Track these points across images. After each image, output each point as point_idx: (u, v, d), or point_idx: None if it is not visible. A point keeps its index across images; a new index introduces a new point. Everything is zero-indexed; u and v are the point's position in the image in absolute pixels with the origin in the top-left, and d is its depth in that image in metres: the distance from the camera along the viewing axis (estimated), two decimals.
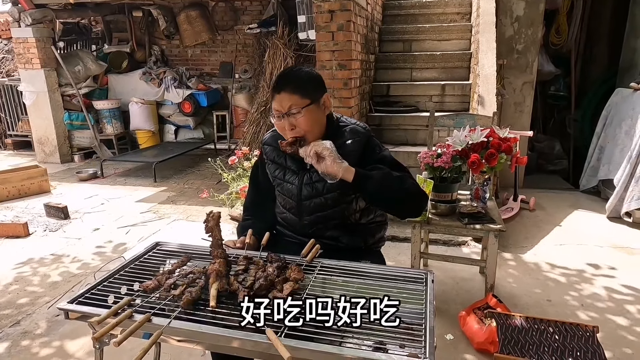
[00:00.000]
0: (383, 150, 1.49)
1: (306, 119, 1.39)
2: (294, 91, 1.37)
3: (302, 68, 1.48)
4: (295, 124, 1.39)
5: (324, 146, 1.29)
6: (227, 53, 6.79)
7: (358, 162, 1.43)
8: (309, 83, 1.43)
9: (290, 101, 1.37)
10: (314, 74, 1.47)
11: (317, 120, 1.43)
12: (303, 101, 1.38)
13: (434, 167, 2.19)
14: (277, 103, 1.40)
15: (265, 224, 1.64)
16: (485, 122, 2.51)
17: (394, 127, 4.02)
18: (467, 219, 2.18)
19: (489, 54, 3.49)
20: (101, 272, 1.52)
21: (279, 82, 1.41)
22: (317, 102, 1.42)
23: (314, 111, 1.41)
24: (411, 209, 1.44)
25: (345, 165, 1.31)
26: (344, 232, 1.54)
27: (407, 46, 4.64)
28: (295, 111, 1.37)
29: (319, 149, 1.29)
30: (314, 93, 1.42)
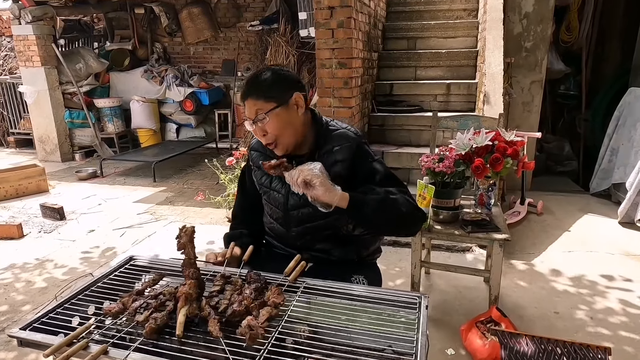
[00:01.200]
0: (375, 160, 1.38)
1: (274, 123, 1.29)
2: (258, 96, 1.29)
3: (271, 69, 1.36)
4: (265, 129, 1.30)
5: (313, 173, 1.16)
6: (229, 51, 6.70)
7: (347, 172, 1.33)
8: (274, 85, 1.32)
9: (255, 106, 1.29)
10: (282, 74, 1.36)
11: (288, 123, 1.32)
12: (268, 105, 1.28)
13: (436, 172, 2.07)
14: (246, 110, 1.32)
15: (254, 234, 1.55)
16: (490, 124, 2.39)
17: (398, 127, 3.90)
18: (471, 227, 2.06)
19: (496, 52, 3.36)
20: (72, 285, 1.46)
21: (244, 89, 1.33)
22: (285, 104, 1.31)
23: (282, 114, 1.30)
24: (407, 232, 1.36)
25: (339, 193, 1.20)
26: (336, 244, 1.43)
27: (412, 44, 4.51)
28: (262, 117, 1.28)
29: (307, 177, 1.16)
30: (280, 95, 1.31)
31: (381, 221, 1.26)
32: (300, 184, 1.16)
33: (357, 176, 1.34)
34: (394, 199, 1.26)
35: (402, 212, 1.25)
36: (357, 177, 1.34)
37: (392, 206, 1.25)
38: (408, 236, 1.37)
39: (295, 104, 1.33)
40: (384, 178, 1.34)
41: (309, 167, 1.18)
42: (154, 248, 3.10)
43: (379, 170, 1.35)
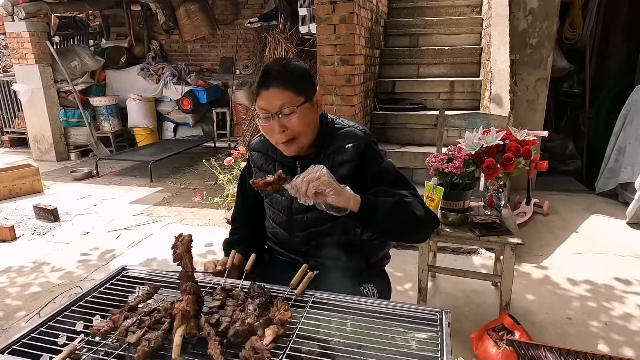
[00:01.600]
0: (385, 160, 1.29)
1: (300, 120, 1.19)
2: (286, 87, 1.17)
3: (292, 60, 1.26)
4: (287, 125, 1.19)
5: (322, 180, 1.04)
6: (227, 48, 6.59)
7: (354, 173, 1.24)
8: (303, 78, 1.23)
9: (281, 99, 1.17)
10: (305, 67, 1.27)
11: (311, 121, 1.24)
12: (297, 99, 1.18)
13: (445, 173, 1.98)
14: (265, 101, 1.18)
15: (255, 239, 1.46)
16: (500, 123, 2.31)
17: (400, 126, 3.81)
18: (481, 230, 1.98)
19: (502, 49, 3.27)
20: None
21: (267, 77, 1.19)
22: (311, 101, 1.23)
23: (307, 110, 1.21)
24: (419, 237, 1.27)
25: (351, 195, 1.10)
26: (343, 250, 1.34)
27: (414, 40, 4.42)
28: (289, 111, 1.17)
29: (319, 188, 1.04)
30: (308, 89, 1.22)
31: (393, 225, 1.17)
32: (311, 195, 1.05)
33: (364, 177, 1.25)
34: (407, 202, 1.17)
35: (416, 216, 1.16)
36: (364, 178, 1.25)
37: (405, 210, 1.16)
38: (419, 242, 1.28)
39: (316, 102, 1.25)
40: (393, 180, 1.25)
41: (315, 174, 1.05)
42: (150, 251, 3.00)
43: (388, 171, 1.26)
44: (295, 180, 1.07)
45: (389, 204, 1.14)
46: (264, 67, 1.25)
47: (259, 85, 1.21)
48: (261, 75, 1.22)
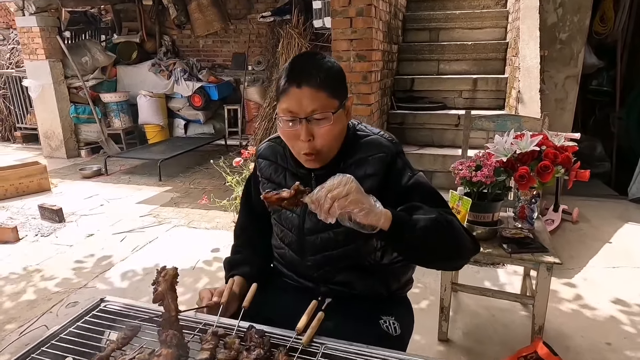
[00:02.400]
0: (416, 174, 1.10)
1: (333, 129, 1.01)
2: (321, 87, 0.98)
3: (325, 55, 1.06)
4: (316, 133, 1.00)
5: (351, 199, 0.85)
6: (240, 43, 6.44)
7: (379, 189, 1.06)
8: (339, 78, 1.04)
9: (315, 101, 0.98)
10: (339, 65, 1.08)
11: (342, 130, 1.06)
12: (332, 103, 1.00)
13: (472, 182, 1.78)
14: (294, 102, 0.98)
15: (261, 259, 1.29)
16: (532, 126, 2.09)
17: (419, 126, 3.61)
18: (512, 246, 1.77)
19: (531, 43, 3.03)
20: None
21: (298, 72, 0.99)
22: (343, 107, 1.05)
23: (341, 118, 1.04)
24: (455, 265, 1.06)
25: (382, 211, 0.90)
26: (360, 275, 1.16)
27: (434, 35, 4.19)
28: (321, 116, 0.99)
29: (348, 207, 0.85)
30: (342, 93, 1.04)
31: (430, 249, 0.97)
32: (334, 215, 0.86)
33: (391, 194, 1.06)
34: (448, 221, 0.98)
35: (458, 239, 0.98)
36: (391, 195, 1.06)
37: (446, 230, 0.96)
38: (453, 270, 1.08)
39: (347, 106, 1.07)
40: (426, 197, 1.06)
41: (343, 190, 0.85)
42: (153, 257, 2.86)
43: (420, 187, 1.07)
44: (318, 193, 0.87)
45: (427, 222, 0.94)
46: (293, 59, 1.05)
47: (288, 81, 0.99)
48: (290, 68, 1.02)
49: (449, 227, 0.97)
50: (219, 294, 1.04)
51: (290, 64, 1.04)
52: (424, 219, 0.95)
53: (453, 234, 0.98)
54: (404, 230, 0.93)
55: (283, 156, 1.19)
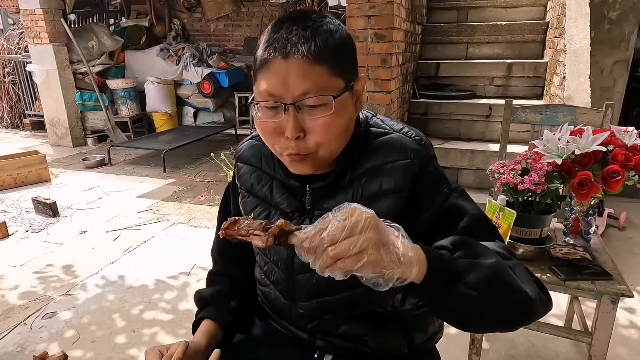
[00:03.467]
0: (455, 190, 0.76)
1: (335, 121, 0.67)
2: (318, 59, 0.65)
3: (325, 15, 0.72)
4: (308, 127, 0.67)
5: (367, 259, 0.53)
6: (252, 27, 6.11)
7: (401, 212, 0.73)
8: (344, 47, 0.70)
9: (307, 80, 0.65)
10: (346, 31, 0.72)
11: (348, 124, 0.72)
12: (333, 82, 0.66)
13: (518, 190, 1.42)
14: (276, 79, 0.65)
15: (241, 294, 0.97)
16: (591, 119, 1.71)
17: (444, 117, 3.22)
18: (565, 270, 1.42)
19: (580, 22, 2.61)
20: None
21: (284, 37, 0.66)
22: (351, 89, 0.71)
23: (347, 106, 0.70)
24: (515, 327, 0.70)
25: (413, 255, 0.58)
26: (372, 327, 0.84)
27: (463, 15, 3.77)
28: (316, 102, 0.65)
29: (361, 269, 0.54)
30: (350, 69, 0.70)
31: (484, 311, 0.63)
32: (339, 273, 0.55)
33: (420, 221, 0.73)
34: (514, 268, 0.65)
35: (527, 299, 0.63)
36: (420, 221, 0.73)
37: (511, 284, 0.63)
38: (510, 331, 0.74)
39: (357, 90, 0.73)
40: (472, 225, 0.72)
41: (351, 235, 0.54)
42: (145, 261, 2.60)
43: (462, 210, 0.73)
44: (312, 237, 0.56)
45: (482, 272, 0.61)
46: (279, 19, 0.70)
47: (268, 50, 0.66)
48: (272, 32, 0.68)
49: (513, 280, 0.63)
50: (169, 358, 0.73)
51: (273, 26, 0.70)
52: (478, 265, 0.62)
53: (518, 290, 0.63)
54: (445, 285, 0.60)
55: (270, 160, 0.87)
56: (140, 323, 2.00)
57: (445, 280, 0.61)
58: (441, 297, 0.61)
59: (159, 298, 2.20)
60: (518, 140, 2.90)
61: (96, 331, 1.95)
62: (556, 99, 2.64)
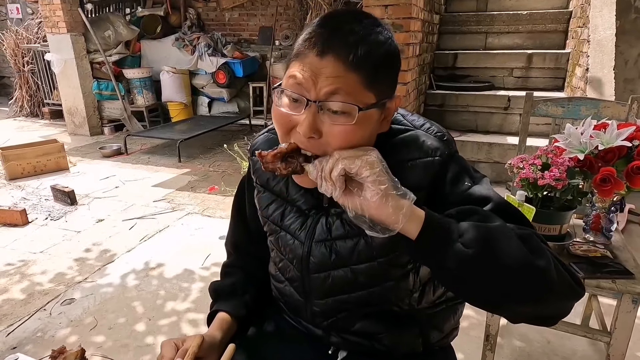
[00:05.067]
0: (477, 180, 0.74)
1: (351, 134, 0.65)
2: (355, 65, 0.63)
3: (379, 21, 0.68)
4: (325, 130, 0.65)
5: (364, 160, 0.61)
6: (267, 17, 6.06)
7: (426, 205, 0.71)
8: (389, 63, 0.68)
9: (338, 81, 0.63)
10: (397, 46, 0.69)
11: (365, 139, 0.68)
12: (364, 94, 0.64)
13: (537, 185, 1.39)
14: (307, 71, 0.64)
15: (257, 286, 0.97)
16: (615, 113, 1.66)
17: (461, 109, 3.17)
18: (584, 267, 1.39)
19: (605, 11, 2.52)
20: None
21: (328, 33, 0.64)
22: (383, 107, 0.68)
23: (371, 121, 0.67)
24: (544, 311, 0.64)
25: (406, 203, 0.60)
26: (388, 325, 0.83)
27: (482, 4, 3.68)
28: (340, 107, 0.63)
29: (352, 166, 0.61)
30: (387, 86, 0.68)
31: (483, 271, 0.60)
32: (337, 178, 0.61)
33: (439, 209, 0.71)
34: (527, 235, 0.63)
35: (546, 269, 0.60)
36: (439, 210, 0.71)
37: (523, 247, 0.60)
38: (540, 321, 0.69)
39: (388, 109, 0.70)
40: (495, 210, 0.68)
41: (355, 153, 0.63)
42: (161, 250, 2.63)
43: (485, 197, 0.70)
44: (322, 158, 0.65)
45: (484, 229, 0.60)
46: (329, 13, 0.69)
47: (308, 42, 0.65)
48: (318, 25, 0.66)
49: (517, 244, 0.60)
50: (183, 355, 0.73)
51: (320, 20, 0.67)
52: (478, 226, 0.61)
53: (522, 254, 0.60)
54: (441, 243, 0.60)
55: None
56: (157, 311, 2.04)
57: (441, 238, 0.61)
58: (438, 256, 0.61)
59: (175, 287, 2.24)
60: (537, 133, 2.84)
61: (114, 318, 1.99)
62: (578, 91, 2.57)
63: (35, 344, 1.83)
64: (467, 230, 0.60)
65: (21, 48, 6.46)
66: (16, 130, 5.92)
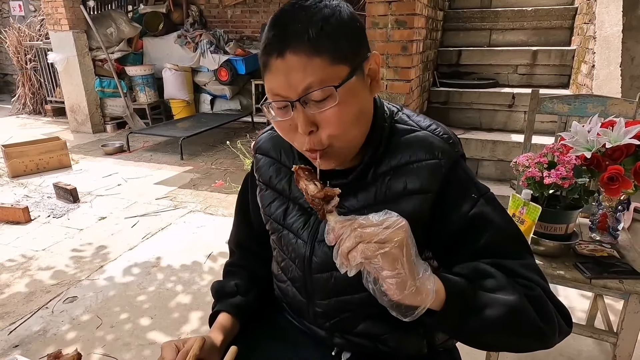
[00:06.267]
0: (484, 195, 0.72)
1: (341, 112, 0.64)
2: (313, 49, 0.62)
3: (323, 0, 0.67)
4: (318, 121, 0.65)
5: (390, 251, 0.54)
6: (269, 13, 6.03)
7: (425, 214, 0.71)
8: (344, 28, 0.65)
9: (307, 74, 0.62)
10: (347, 9, 0.68)
11: (363, 109, 0.69)
12: (335, 71, 0.63)
13: (543, 184, 1.37)
14: (278, 79, 0.64)
15: (260, 285, 0.96)
16: (622, 110, 1.63)
17: (465, 106, 3.14)
18: (590, 267, 1.37)
19: (612, 7, 2.48)
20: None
21: (279, 33, 0.64)
22: (361, 70, 0.67)
23: (356, 90, 0.66)
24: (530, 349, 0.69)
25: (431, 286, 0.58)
26: (392, 326, 0.81)
27: (487, 1, 3.65)
28: (319, 95, 0.63)
29: (379, 260, 0.55)
30: (355, 50, 0.66)
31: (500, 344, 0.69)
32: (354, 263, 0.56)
33: (445, 226, 0.71)
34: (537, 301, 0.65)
35: (547, 329, 0.65)
36: (445, 227, 0.71)
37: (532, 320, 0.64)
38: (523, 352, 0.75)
39: (371, 70, 0.69)
40: (498, 238, 0.69)
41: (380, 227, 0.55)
42: (163, 247, 2.63)
43: (489, 221, 0.70)
44: (343, 222, 0.58)
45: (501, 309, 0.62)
46: (274, 15, 0.68)
47: (267, 49, 0.65)
48: (269, 29, 0.66)
49: (533, 315, 0.64)
50: (184, 357, 0.72)
51: (269, 24, 0.67)
52: (498, 302, 0.62)
53: (537, 330, 0.64)
54: (463, 321, 0.62)
55: (289, 152, 0.84)
56: (159, 309, 2.03)
57: (460, 314, 0.62)
58: (455, 327, 0.64)
59: (177, 285, 2.23)
60: (542, 130, 2.81)
61: (115, 316, 1.98)
62: (584, 89, 2.54)
63: (37, 342, 1.82)
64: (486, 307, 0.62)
65: (24, 45, 6.46)
66: (19, 128, 5.93)
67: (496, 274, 0.65)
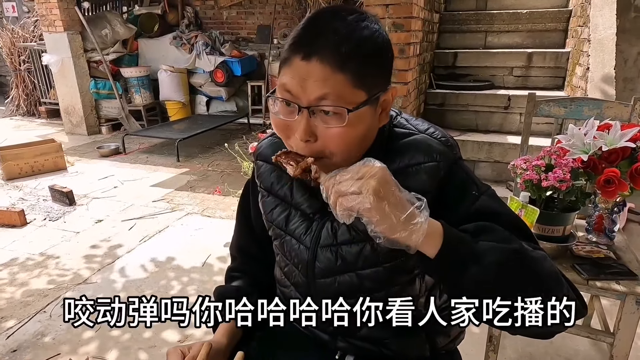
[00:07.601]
0: (484, 192, 0.73)
1: (346, 135, 0.65)
2: (341, 66, 0.62)
3: (365, 14, 0.67)
4: (320, 134, 0.66)
5: (361, 199, 0.56)
6: (265, 15, 6.04)
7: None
8: (377, 57, 0.66)
9: (326, 85, 0.62)
10: (385, 37, 0.68)
11: (364, 136, 0.69)
12: (353, 94, 0.64)
13: (541, 187, 1.39)
14: (295, 78, 0.64)
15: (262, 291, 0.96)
16: (617, 113, 1.65)
17: (461, 108, 3.16)
18: (587, 268, 1.38)
19: (606, 10, 2.51)
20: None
21: (311, 35, 0.64)
22: (375, 102, 0.67)
23: (365, 119, 0.67)
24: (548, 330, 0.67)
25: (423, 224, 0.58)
26: (394, 330, 0.82)
27: (482, 3, 3.67)
28: (331, 109, 0.63)
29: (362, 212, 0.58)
30: (377, 81, 0.67)
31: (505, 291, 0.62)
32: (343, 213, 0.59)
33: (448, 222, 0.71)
34: (541, 258, 0.64)
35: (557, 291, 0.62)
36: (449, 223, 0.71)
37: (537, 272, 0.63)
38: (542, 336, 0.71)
39: (384, 102, 0.69)
40: (507, 227, 0.68)
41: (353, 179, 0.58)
42: (161, 249, 2.62)
43: (493, 212, 0.70)
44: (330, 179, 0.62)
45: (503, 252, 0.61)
46: (313, 14, 0.69)
47: (293, 47, 0.65)
48: (302, 28, 0.66)
49: (540, 267, 0.62)
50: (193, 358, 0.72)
51: (304, 22, 0.67)
52: (499, 248, 0.61)
53: (548, 279, 0.62)
54: (461, 265, 0.61)
55: None
56: None
57: (461, 260, 0.61)
58: (456, 278, 0.62)
59: (176, 287, 2.22)
60: (537, 132, 2.84)
61: None
62: (578, 91, 2.57)
63: (36, 346, 1.81)
64: (486, 253, 0.61)
65: (17, 47, 6.41)
66: (13, 130, 5.88)
67: (499, 228, 0.64)
